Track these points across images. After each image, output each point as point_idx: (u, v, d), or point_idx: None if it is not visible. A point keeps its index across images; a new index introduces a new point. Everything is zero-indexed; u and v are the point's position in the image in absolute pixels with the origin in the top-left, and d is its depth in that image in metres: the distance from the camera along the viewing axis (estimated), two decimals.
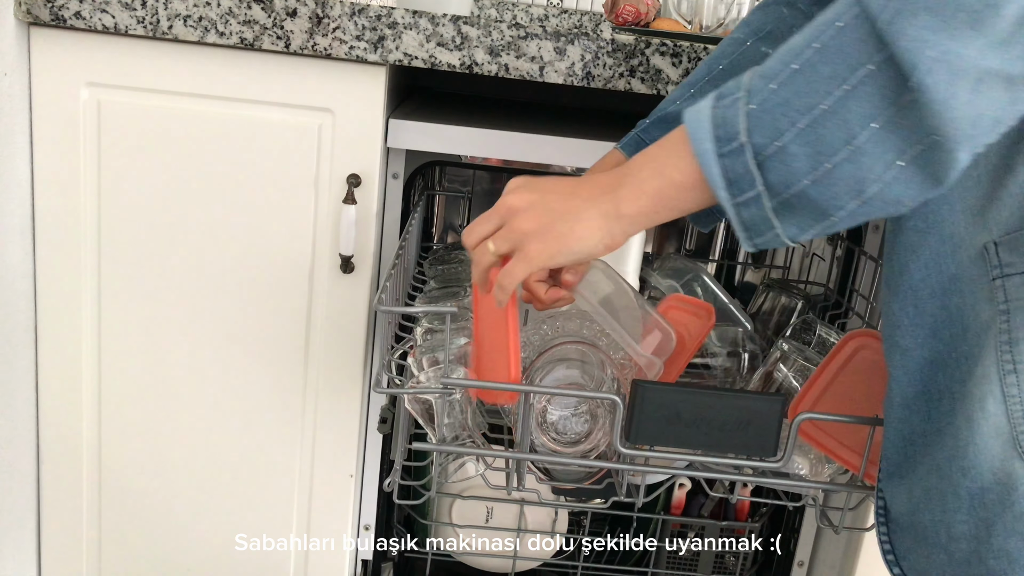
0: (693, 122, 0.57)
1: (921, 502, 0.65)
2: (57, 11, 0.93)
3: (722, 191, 0.56)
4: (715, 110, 0.56)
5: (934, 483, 0.63)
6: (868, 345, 0.83)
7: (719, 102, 0.56)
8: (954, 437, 0.61)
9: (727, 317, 1.12)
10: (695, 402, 0.73)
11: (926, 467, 0.64)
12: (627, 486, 0.86)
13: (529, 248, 0.65)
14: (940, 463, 0.63)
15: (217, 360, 1.06)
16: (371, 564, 1.21)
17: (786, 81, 0.54)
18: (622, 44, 0.95)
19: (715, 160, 0.56)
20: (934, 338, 0.63)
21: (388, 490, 0.84)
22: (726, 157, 0.56)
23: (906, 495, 0.66)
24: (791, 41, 0.55)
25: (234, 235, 1.02)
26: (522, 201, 0.66)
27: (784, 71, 0.54)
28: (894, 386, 0.66)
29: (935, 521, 0.64)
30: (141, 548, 1.13)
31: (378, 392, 0.86)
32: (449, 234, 1.44)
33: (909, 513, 0.66)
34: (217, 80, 0.97)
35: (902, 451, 0.66)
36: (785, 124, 0.54)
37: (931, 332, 0.63)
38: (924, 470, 0.64)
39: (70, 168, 1.00)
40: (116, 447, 1.09)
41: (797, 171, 0.54)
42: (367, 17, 0.93)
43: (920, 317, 0.63)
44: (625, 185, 0.62)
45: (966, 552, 0.63)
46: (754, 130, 0.54)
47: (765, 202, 0.56)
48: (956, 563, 0.64)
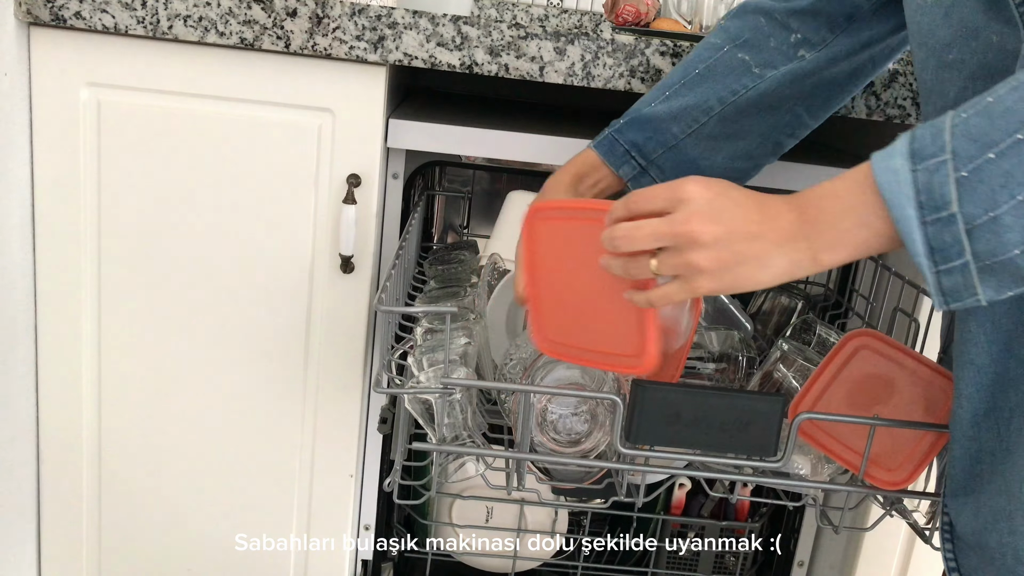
0: (890, 184, 0.54)
1: (988, 523, 0.64)
2: (57, 11, 0.93)
3: (924, 259, 0.54)
4: (916, 173, 0.53)
5: (1003, 504, 0.63)
6: (868, 345, 0.83)
7: (918, 164, 0.53)
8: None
9: (727, 318, 1.12)
10: (695, 402, 0.73)
11: (995, 487, 0.63)
12: (627, 486, 0.86)
13: (699, 282, 0.61)
14: (1010, 484, 0.62)
15: (217, 360, 1.06)
16: (371, 564, 1.21)
17: (1007, 151, 0.51)
18: (622, 44, 0.95)
19: (918, 227, 0.53)
20: (1008, 355, 0.62)
21: (388, 490, 0.84)
22: (932, 226, 0.53)
23: (972, 514, 0.65)
24: (1003, 99, 0.52)
25: (234, 235, 1.02)
26: (706, 235, 0.59)
27: (1005, 140, 0.51)
28: (964, 403, 0.65)
29: (1002, 543, 0.63)
30: (141, 548, 1.13)
31: (378, 392, 0.86)
32: (449, 234, 1.44)
33: (975, 533, 0.65)
34: (217, 80, 0.97)
35: (969, 469, 0.66)
36: (1004, 196, 0.51)
37: (1005, 348, 0.62)
38: (992, 490, 0.63)
39: (70, 168, 1.00)
40: (116, 447, 1.09)
41: (1008, 241, 0.51)
42: (367, 17, 0.93)
43: (996, 334, 0.62)
44: (823, 234, 0.58)
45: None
46: (966, 200, 0.51)
47: (971, 270, 0.53)
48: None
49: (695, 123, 0.87)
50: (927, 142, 0.53)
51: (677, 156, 0.88)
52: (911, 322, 0.95)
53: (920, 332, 0.94)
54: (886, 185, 0.54)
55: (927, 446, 0.78)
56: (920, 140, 0.53)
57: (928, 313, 0.96)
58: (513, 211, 1.10)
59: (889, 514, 0.85)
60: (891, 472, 0.79)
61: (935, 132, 0.53)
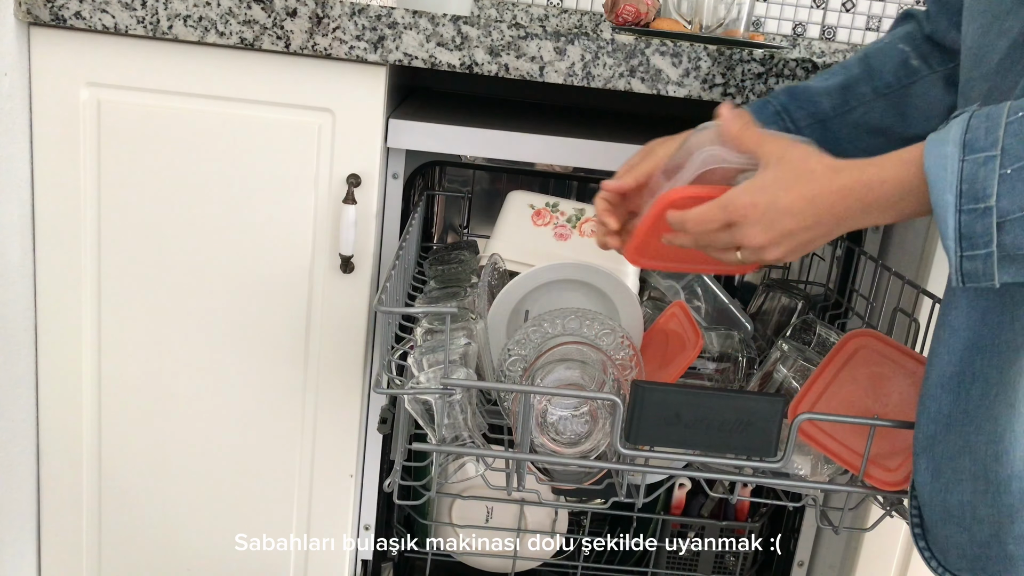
0: (937, 169, 0.57)
1: (951, 482, 0.67)
2: (57, 11, 0.93)
3: (952, 243, 0.57)
4: (964, 163, 0.56)
5: (966, 465, 0.65)
6: (868, 345, 0.83)
7: (968, 155, 0.56)
8: (993, 422, 0.63)
9: (727, 318, 1.12)
10: (695, 403, 0.73)
11: (957, 448, 0.66)
12: (627, 486, 0.86)
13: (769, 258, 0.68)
14: (974, 446, 0.65)
15: (217, 360, 1.06)
16: (371, 564, 1.21)
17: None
18: (622, 44, 0.95)
19: (953, 214, 0.56)
20: (982, 323, 0.64)
21: (388, 490, 0.84)
22: (966, 215, 0.56)
23: (932, 474, 0.68)
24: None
25: (234, 235, 1.02)
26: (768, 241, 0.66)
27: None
28: (935, 364, 0.67)
29: (963, 502, 0.66)
30: (141, 548, 1.13)
31: (378, 392, 0.86)
32: (449, 234, 1.44)
33: (936, 493, 0.68)
34: (217, 80, 0.97)
35: (931, 430, 0.68)
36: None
37: (981, 316, 0.64)
38: (955, 450, 0.66)
39: (70, 168, 1.00)
40: (116, 447, 1.09)
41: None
42: (367, 17, 0.93)
43: (977, 301, 0.64)
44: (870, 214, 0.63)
45: (987, 535, 0.65)
46: (1004, 195, 0.54)
47: (993, 259, 0.56)
48: (976, 544, 0.66)
49: (845, 105, 0.87)
50: (980, 135, 0.56)
51: (824, 132, 0.87)
52: (911, 322, 0.95)
53: (920, 332, 0.94)
54: (932, 169, 0.57)
55: None
56: (974, 131, 0.56)
57: (928, 313, 0.96)
58: (513, 211, 1.10)
59: (889, 514, 0.85)
60: (891, 472, 0.79)
61: (990, 126, 0.55)
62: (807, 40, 1.75)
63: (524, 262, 1.04)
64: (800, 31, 1.75)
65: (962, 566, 0.69)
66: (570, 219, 1.07)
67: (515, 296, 0.96)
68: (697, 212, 0.68)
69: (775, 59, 0.97)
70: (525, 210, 1.08)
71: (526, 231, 1.06)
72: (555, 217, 1.07)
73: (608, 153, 1.03)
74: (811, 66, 0.97)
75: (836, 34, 1.75)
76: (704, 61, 0.96)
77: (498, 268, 1.05)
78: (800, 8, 1.74)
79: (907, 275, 0.96)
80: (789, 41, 1.75)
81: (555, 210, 1.07)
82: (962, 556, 0.68)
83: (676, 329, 0.95)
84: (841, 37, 1.75)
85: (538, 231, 1.06)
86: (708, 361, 1.00)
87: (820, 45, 1.75)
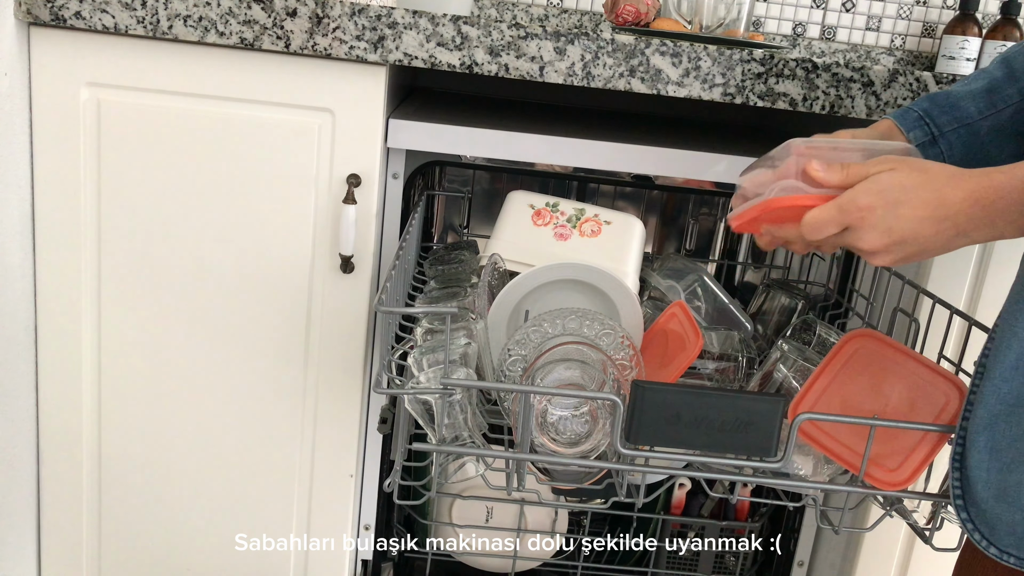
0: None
1: (1013, 463, 0.66)
2: (57, 11, 0.93)
3: None
4: None
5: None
6: (868, 345, 0.82)
7: None
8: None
9: (727, 318, 1.12)
10: (695, 403, 0.72)
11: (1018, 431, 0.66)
12: (627, 486, 0.86)
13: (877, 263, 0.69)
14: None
15: (217, 360, 1.06)
16: (371, 564, 1.21)
17: None
18: (622, 44, 0.95)
19: None
20: None
21: (388, 490, 0.84)
22: None
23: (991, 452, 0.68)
24: None
25: (234, 235, 1.02)
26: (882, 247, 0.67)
27: None
28: (1012, 344, 0.67)
29: (1021, 482, 0.66)
30: (141, 548, 1.13)
31: (378, 392, 0.86)
32: (449, 234, 1.44)
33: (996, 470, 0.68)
34: (217, 80, 0.97)
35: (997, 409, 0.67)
36: None
37: None
38: (1019, 432, 0.66)
39: (70, 168, 1.00)
40: (116, 446, 1.09)
41: None
42: (367, 17, 0.93)
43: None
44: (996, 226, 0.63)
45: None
46: None
47: None
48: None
49: (992, 108, 0.85)
50: None
51: (970, 137, 0.86)
52: (911, 322, 0.95)
53: (920, 332, 0.94)
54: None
55: (927, 447, 0.78)
56: None
57: (928, 313, 0.96)
58: (513, 211, 1.10)
59: (889, 514, 0.85)
60: (891, 472, 0.79)
61: None
62: (807, 40, 1.75)
63: (524, 262, 1.04)
64: (800, 31, 1.75)
65: (1010, 543, 0.69)
66: (570, 219, 1.07)
67: (515, 296, 0.96)
68: (814, 218, 0.68)
69: (775, 59, 0.97)
70: (525, 210, 1.08)
71: (526, 231, 1.06)
72: (555, 217, 1.07)
73: (608, 153, 1.03)
74: (811, 66, 0.97)
75: (836, 34, 1.75)
76: (704, 61, 0.96)
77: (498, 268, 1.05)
78: (800, 8, 1.74)
79: (907, 275, 0.96)
80: (789, 41, 1.75)
81: (555, 210, 1.07)
82: (1011, 534, 0.68)
83: (676, 329, 0.95)
84: (841, 37, 1.75)
85: (538, 231, 1.06)
86: (708, 361, 1.00)
87: (820, 45, 1.75)
